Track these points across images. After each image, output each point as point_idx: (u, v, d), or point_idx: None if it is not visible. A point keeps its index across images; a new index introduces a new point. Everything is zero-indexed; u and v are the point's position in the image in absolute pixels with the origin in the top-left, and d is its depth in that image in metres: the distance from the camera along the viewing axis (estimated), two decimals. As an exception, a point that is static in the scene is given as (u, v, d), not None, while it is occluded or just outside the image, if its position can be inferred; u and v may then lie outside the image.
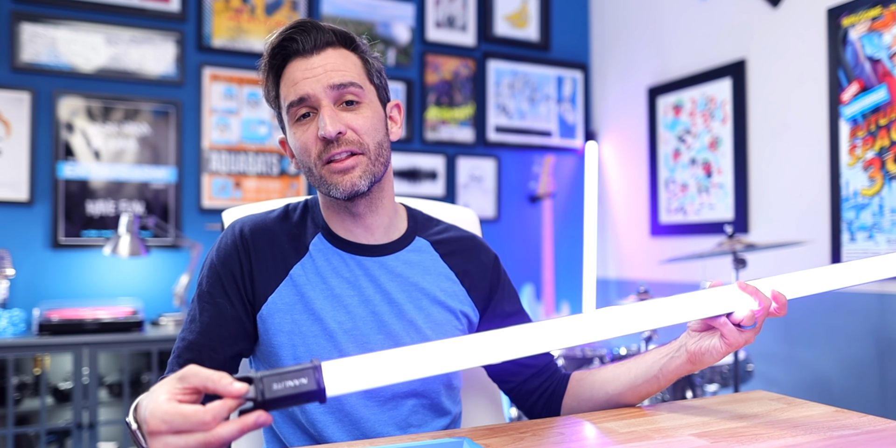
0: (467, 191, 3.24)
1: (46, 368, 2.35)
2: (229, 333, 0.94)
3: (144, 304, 2.59)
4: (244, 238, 0.98)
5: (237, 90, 2.84)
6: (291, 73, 0.94)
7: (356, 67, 0.96)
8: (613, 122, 3.42)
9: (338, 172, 0.92)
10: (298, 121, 0.94)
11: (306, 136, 0.93)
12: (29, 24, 2.54)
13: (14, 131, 2.51)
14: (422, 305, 1.00)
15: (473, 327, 1.06)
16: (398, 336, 0.97)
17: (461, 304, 1.04)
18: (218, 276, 0.95)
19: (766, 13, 2.58)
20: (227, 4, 2.84)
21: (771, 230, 2.55)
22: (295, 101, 0.93)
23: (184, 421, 0.60)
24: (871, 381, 2.20)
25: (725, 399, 0.99)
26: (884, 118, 2.15)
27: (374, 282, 0.98)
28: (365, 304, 0.97)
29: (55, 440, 2.35)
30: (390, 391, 0.95)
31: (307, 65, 0.93)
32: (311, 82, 0.92)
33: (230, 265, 0.96)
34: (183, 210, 2.75)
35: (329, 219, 1.01)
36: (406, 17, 3.16)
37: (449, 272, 1.05)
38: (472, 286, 1.05)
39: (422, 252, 1.04)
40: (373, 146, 0.94)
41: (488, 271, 1.08)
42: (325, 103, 0.92)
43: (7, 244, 2.46)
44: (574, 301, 3.41)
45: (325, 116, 0.91)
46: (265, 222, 1.00)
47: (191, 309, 0.96)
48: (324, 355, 0.92)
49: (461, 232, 1.11)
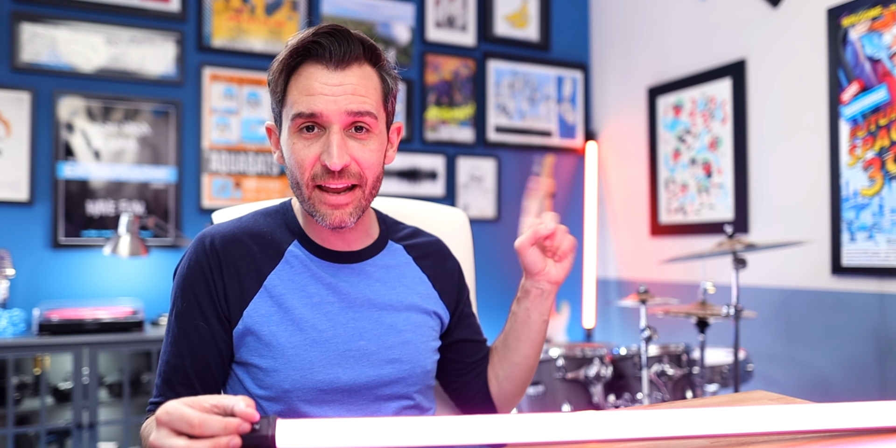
0: (467, 191, 3.24)
1: (46, 368, 2.35)
2: (213, 355, 0.93)
3: (144, 304, 2.59)
4: (214, 251, 0.94)
5: (237, 90, 2.84)
6: (308, 81, 0.88)
7: (376, 92, 0.92)
8: (613, 122, 3.42)
9: (330, 205, 0.90)
10: (301, 131, 0.89)
11: (306, 153, 0.89)
12: (29, 24, 2.54)
13: (14, 131, 2.51)
14: (400, 308, 1.01)
15: (443, 329, 1.08)
16: (381, 340, 0.97)
17: (435, 306, 1.06)
18: (193, 294, 0.93)
19: (766, 13, 2.58)
20: (227, 4, 2.84)
21: (771, 230, 2.55)
22: (305, 114, 0.88)
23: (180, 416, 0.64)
24: (871, 381, 2.19)
25: (725, 399, 0.99)
26: (884, 118, 2.15)
27: (354, 288, 0.98)
28: (345, 310, 0.96)
29: (55, 440, 2.35)
30: (373, 394, 0.96)
31: (328, 79, 0.88)
32: (329, 101, 0.87)
33: (202, 282, 0.93)
34: (183, 210, 2.75)
35: (306, 227, 1.00)
36: (406, 17, 3.16)
37: (422, 275, 1.07)
38: (443, 289, 1.08)
39: (396, 256, 1.06)
40: (371, 180, 0.92)
41: (455, 276, 1.11)
42: (336, 129, 0.88)
43: (7, 244, 2.46)
44: (574, 301, 3.41)
45: (334, 146, 0.87)
46: (234, 233, 0.97)
47: (169, 328, 0.94)
48: (306, 366, 0.92)
49: (427, 236, 1.13)
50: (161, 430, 0.65)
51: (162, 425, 0.65)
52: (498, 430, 0.69)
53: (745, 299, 2.47)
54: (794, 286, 2.44)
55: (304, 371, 0.92)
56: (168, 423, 0.65)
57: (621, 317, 3.29)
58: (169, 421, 0.65)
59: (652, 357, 2.17)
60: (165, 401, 0.85)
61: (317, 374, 0.92)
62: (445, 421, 0.69)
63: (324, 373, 0.92)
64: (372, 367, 0.95)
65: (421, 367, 1.00)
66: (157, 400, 0.92)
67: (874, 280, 2.19)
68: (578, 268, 3.45)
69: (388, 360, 0.97)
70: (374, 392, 0.96)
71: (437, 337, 1.06)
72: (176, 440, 0.64)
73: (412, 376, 0.99)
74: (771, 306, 2.51)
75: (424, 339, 1.02)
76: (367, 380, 0.95)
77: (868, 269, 2.18)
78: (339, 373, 0.93)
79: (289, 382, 0.91)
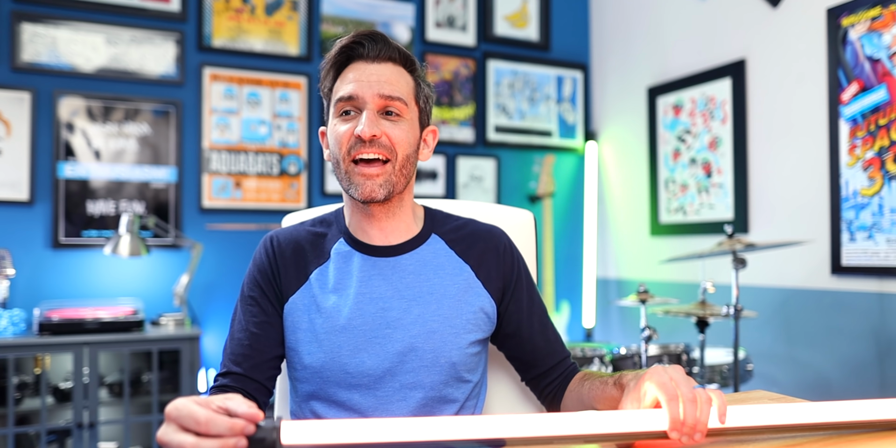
0: (467, 190, 3.24)
1: (47, 368, 2.35)
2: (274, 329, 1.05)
3: (144, 304, 2.59)
4: (273, 247, 1.10)
5: (237, 90, 2.84)
6: (349, 73, 1.03)
7: (408, 87, 1.04)
8: (613, 122, 3.42)
9: (362, 175, 1.00)
10: (341, 115, 1.02)
11: (344, 130, 1.01)
12: (29, 24, 2.54)
13: (14, 131, 2.51)
14: (431, 300, 1.04)
15: (492, 318, 1.08)
16: (406, 330, 1.02)
17: (477, 297, 1.06)
18: (256, 281, 1.08)
19: (765, 13, 2.58)
20: (228, 4, 2.84)
21: (771, 230, 2.55)
22: (344, 97, 1.01)
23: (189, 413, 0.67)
24: (871, 381, 2.20)
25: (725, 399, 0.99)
26: (883, 118, 2.15)
27: (386, 280, 1.05)
28: (375, 301, 1.03)
29: (55, 440, 2.35)
30: (397, 382, 1.01)
31: (365, 69, 1.02)
32: (364, 85, 1.00)
33: (263, 271, 1.08)
34: (183, 210, 2.75)
35: (350, 222, 1.09)
36: (406, 17, 3.16)
37: (464, 266, 1.08)
38: (488, 279, 1.08)
39: (436, 249, 1.09)
40: (401, 156, 1.02)
41: (505, 264, 1.10)
42: (369, 107, 1.00)
43: (7, 244, 2.47)
44: (574, 301, 3.41)
45: (364, 118, 0.99)
46: (293, 234, 1.12)
47: (234, 312, 1.09)
48: (334, 349, 1.01)
49: (479, 225, 1.14)
50: (169, 426, 0.68)
51: (170, 420, 0.68)
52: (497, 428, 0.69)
53: (745, 299, 2.47)
54: (794, 286, 2.44)
55: (333, 354, 1.01)
56: (177, 418, 0.67)
57: (621, 317, 3.30)
58: (178, 417, 0.67)
59: (652, 357, 2.17)
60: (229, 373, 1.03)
61: (344, 357, 1.01)
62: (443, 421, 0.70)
63: (350, 357, 1.01)
64: (395, 354, 1.01)
65: (446, 358, 1.02)
66: (224, 370, 1.04)
67: (874, 280, 2.19)
68: (579, 268, 3.46)
69: (410, 349, 1.01)
70: (399, 379, 1.01)
71: (481, 329, 1.06)
72: (184, 436, 0.66)
73: (435, 366, 1.01)
74: (771, 306, 2.51)
75: (455, 330, 1.03)
76: (389, 366, 1.01)
77: (868, 268, 2.18)
78: (364, 358, 1.01)
79: (319, 363, 1.01)
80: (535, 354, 1.10)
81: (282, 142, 2.91)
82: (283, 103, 2.91)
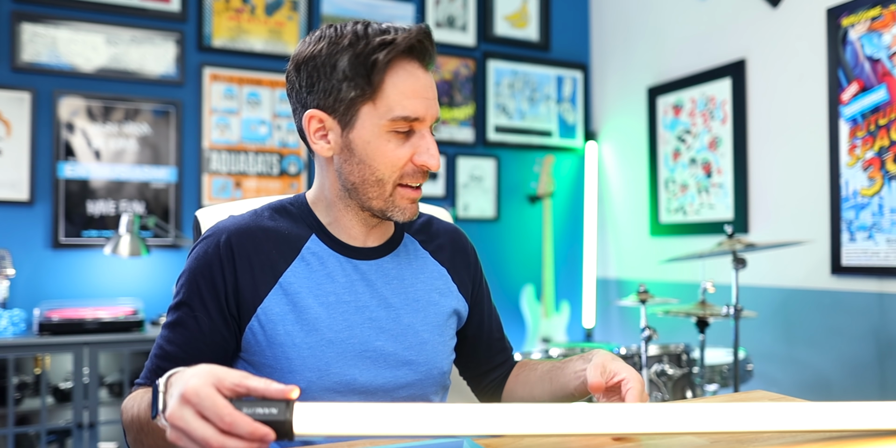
0: (467, 191, 3.24)
1: (47, 368, 2.36)
2: (207, 348, 0.90)
3: (144, 304, 2.59)
4: (228, 246, 0.91)
5: (237, 90, 2.84)
6: (410, 81, 0.89)
7: None
8: (613, 122, 3.42)
9: (410, 199, 0.93)
10: (394, 132, 0.90)
11: (401, 153, 0.90)
12: (29, 24, 2.54)
13: (14, 131, 2.51)
14: (418, 308, 0.99)
15: (463, 320, 1.07)
16: (398, 341, 0.96)
17: (454, 300, 1.04)
18: (198, 286, 0.90)
19: (765, 13, 2.58)
20: (228, 4, 2.84)
21: (771, 230, 2.55)
22: (410, 118, 0.89)
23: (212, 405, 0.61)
24: (871, 381, 2.20)
25: (725, 399, 0.99)
26: (883, 118, 2.15)
27: (371, 286, 0.96)
28: (362, 310, 0.95)
29: (55, 440, 2.35)
30: (389, 396, 0.95)
31: (424, 82, 0.91)
32: (427, 105, 0.90)
33: (210, 276, 0.90)
34: (183, 210, 2.75)
35: (330, 220, 0.97)
36: (406, 17, 3.16)
37: (440, 269, 1.05)
38: (461, 281, 1.07)
39: (411, 251, 1.04)
40: None
41: (472, 266, 1.10)
42: (427, 132, 0.91)
43: (7, 244, 2.47)
44: (574, 301, 3.41)
45: (434, 148, 0.91)
46: (250, 227, 0.94)
47: (168, 316, 0.92)
48: (322, 367, 0.91)
49: (442, 223, 1.11)
50: (185, 409, 0.61)
51: (188, 404, 0.61)
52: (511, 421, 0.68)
53: (745, 299, 2.48)
54: (794, 286, 2.44)
55: (320, 372, 0.90)
56: (197, 404, 0.61)
57: (621, 317, 3.30)
58: (198, 403, 0.61)
59: (652, 357, 2.17)
60: (149, 384, 0.88)
61: (333, 375, 0.91)
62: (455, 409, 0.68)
63: (340, 374, 0.91)
64: (389, 368, 0.94)
65: (438, 368, 0.99)
66: (143, 382, 0.90)
67: (874, 280, 2.19)
68: (579, 268, 3.46)
69: (404, 362, 0.96)
70: (391, 394, 0.95)
71: (455, 335, 1.05)
72: (206, 427, 0.60)
73: (429, 378, 0.98)
74: (771, 306, 2.51)
75: (442, 339, 1.01)
76: (383, 382, 0.94)
77: (868, 268, 2.18)
78: (355, 374, 0.92)
79: (304, 382, 0.89)
80: (489, 352, 1.11)
81: (282, 142, 2.91)
82: (283, 103, 2.91)
